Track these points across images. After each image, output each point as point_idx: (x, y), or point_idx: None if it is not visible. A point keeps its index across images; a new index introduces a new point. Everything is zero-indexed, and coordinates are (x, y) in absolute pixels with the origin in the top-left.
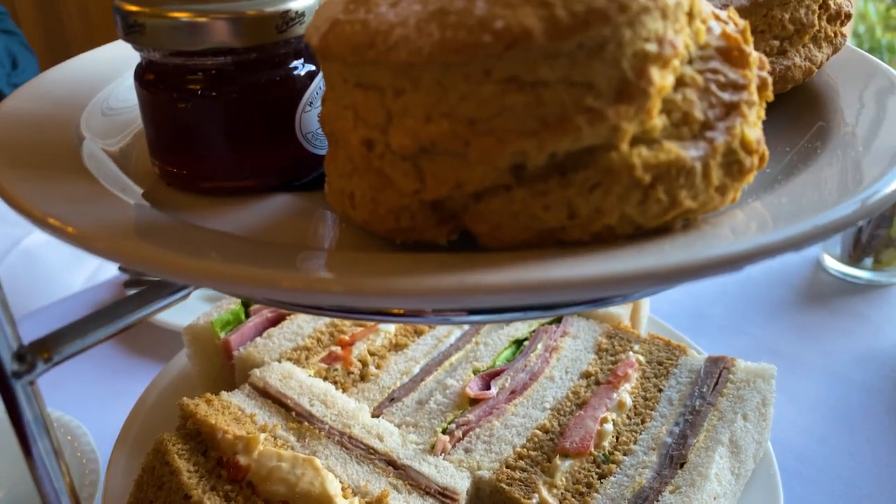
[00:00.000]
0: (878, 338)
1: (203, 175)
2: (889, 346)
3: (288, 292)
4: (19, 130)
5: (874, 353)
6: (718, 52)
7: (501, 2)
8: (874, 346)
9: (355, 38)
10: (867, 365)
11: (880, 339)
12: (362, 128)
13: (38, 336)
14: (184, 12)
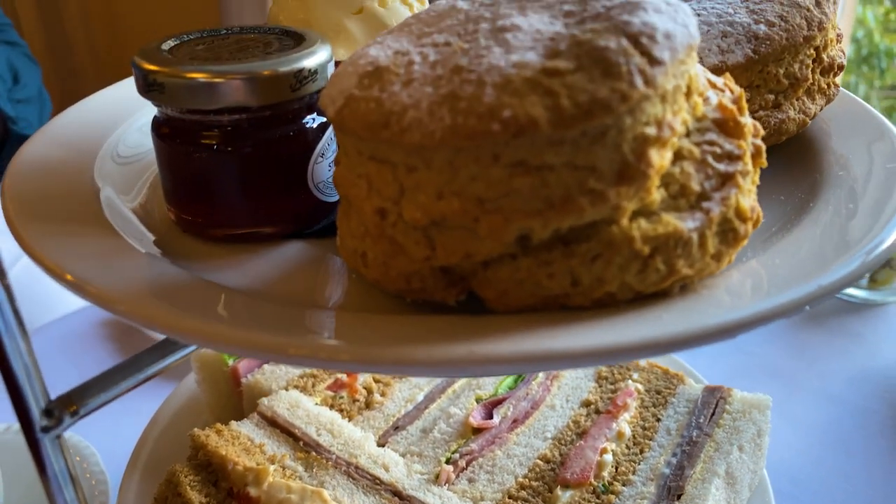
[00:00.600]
0: (874, 358)
1: (217, 223)
2: (884, 366)
3: (295, 359)
4: (39, 181)
5: (869, 374)
6: (715, 123)
7: (509, 89)
8: (869, 366)
9: (370, 117)
10: (862, 385)
11: (876, 360)
12: (376, 197)
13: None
14: (201, 73)
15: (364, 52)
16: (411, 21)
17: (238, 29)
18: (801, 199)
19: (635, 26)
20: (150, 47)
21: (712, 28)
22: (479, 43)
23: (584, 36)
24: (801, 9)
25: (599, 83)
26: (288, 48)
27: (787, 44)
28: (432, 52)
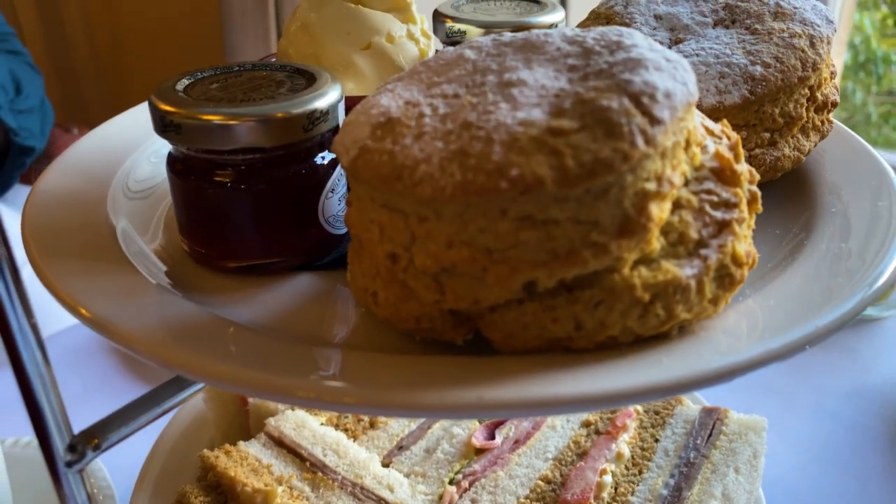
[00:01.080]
0: (869, 373)
1: (229, 256)
2: (879, 382)
3: (303, 401)
4: (57, 215)
5: (864, 390)
6: (712, 172)
7: (516, 147)
8: (864, 381)
9: (383, 170)
10: (857, 401)
11: (871, 375)
12: (388, 243)
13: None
14: (216, 115)
15: (376, 101)
16: (420, 69)
17: (250, 66)
18: (796, 236)
19: (636, 85)
20: (166, 86)
21: (710, 69)
22: (486, 98)
23: (588, 94)
24: (796, 50)
25: (602, 143)
26: (300, 88)
27: (783, 84)
28: (442, 105)
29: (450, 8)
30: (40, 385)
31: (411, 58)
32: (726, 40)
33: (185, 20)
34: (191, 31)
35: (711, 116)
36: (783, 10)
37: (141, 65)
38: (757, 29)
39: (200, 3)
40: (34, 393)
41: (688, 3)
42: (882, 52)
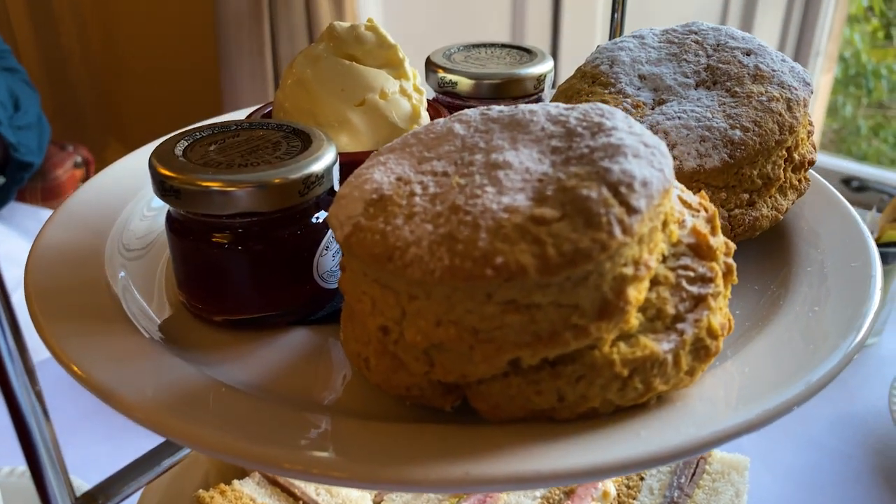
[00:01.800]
0: (853, 402)
1: (225, 311)
2: (863, 410)
3: (291, 473)
4: (58, 270)
5: (848, 418)
6: (689, 247)
7: (501, 235)
8: (849, 410)
9: (375, 249)
10: (841, 430)
11: (855, 404)
12: (379, 316)
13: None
14: (214, 181)
15: (369, 176)
16: (412, 141)
17: (247, 124)
18: (774, 292)
19: (615, 174)
20: (165, 149)
21: (691, 132)
22: (474, 180)
23: (569, 182)
24: (774, 114)
25: (582, 233)
26: (295, 151)
27: (761, 148)
28: (432, 184)
29: (441, 57)
30: (34, 421)
31: (404, 114)
32: (707, 103)
33: (180, 38)
34: (186, 49)
35: (693, 179)
36: (762, 72)
37: (136, 82)
38: (737, 92)
39: (195, 22)
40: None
41: (671, 63)
42: (872, 65)
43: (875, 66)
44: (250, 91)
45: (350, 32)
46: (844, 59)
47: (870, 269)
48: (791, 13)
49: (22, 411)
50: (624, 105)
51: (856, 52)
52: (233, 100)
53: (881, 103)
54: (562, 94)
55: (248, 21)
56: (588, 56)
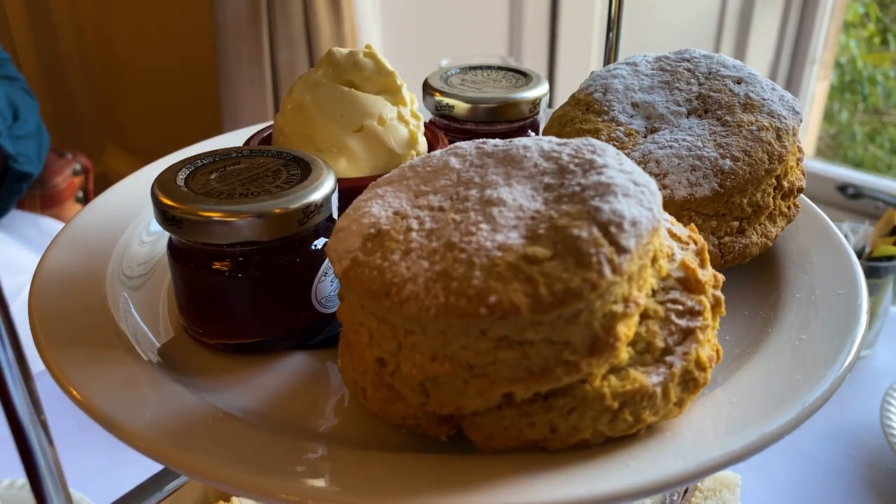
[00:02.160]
0: (844, 414)
1: (224, 335)
2: (853, 422)
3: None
4: (61, 294)
5: (839, 431)
6: (678, 281)
7: (494, 273)
8: (839, 422)
9: (373, 285)
10: (831, 442)
11: (845, 416)
12: (376, 348)
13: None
14: (216, 212)
15: (367, 210)
16: (409, 174)
17: (248, 152)
18: (763, 319)
19: (605, 214)
20: (167, 178)
21: (683, 161)
22: (469, 216)
23: (561, 221)
24: (763, 143)
25: (573, 272)
26: (295, 180)
27: (751, 177)
28: (428, 219)
29: (438, 80)
30: (33, 432)
31: (402, 140)
32: (698, 132)
33: (178, 44)
34: (184, 55)
35: (684, 207)
36: (752, 101)
37: (134, 87)
38: (727, 121)
39: (194, 28)
40: (27, 440)
41: (663, 91)
42: (868, 71)
43: (871, 72)
44: (249, 97)
45: (349, 59)
46: (840, 64)
47: (857, 299)
48: (787, 22)
49: (21, 423)
50: (617, 133)
51: (851, 58)
52: (231, 105)
53: (877, 109)
54: (556, 122)
55: (246, 28)
56: (582, 82)
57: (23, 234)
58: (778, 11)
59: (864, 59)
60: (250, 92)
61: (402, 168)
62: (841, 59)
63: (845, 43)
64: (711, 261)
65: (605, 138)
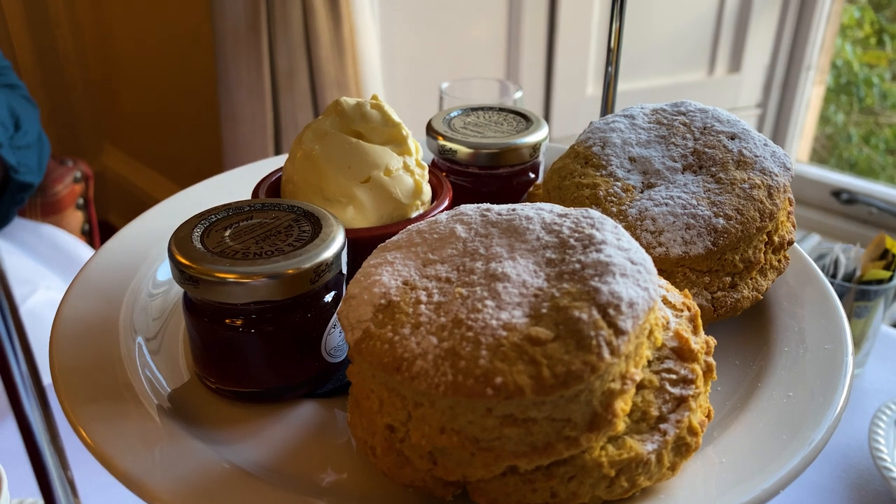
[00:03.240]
0: (833, 436)
1: (236, 384)
2: (842, 444)
3: None
4: (80, 346)
5: (827, 452)
6: (672, 350)
7: (500, 354)
8: (829, 444)
9: (384, 359)
10: (819, 464)
11: (835, 437)
12: (386, 415)
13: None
14: (231, 273)
15: (378, 278)
16: (417, 240)
17: (260, 205)
18: (754, 371)
19: (604, 296)
20: (184, 235)
21: (678, 220)
22: (475, 292)
23: (562, 301)
24: (755, 201)
25: (574, 355)
26: (306, 237)
27: (742, 235)
28: (436, 292)
29: (442, 123)
30: (48, 451)
31: (407, 190)
32: (693, 189)
33: (177, 49)
34: (183, 61)
35: (678, 264)
36: (745, 158)
37: (135, 94)
38: (721, 178)
39: (193, 35)
40: (42, 459)
41: (660, 145)
42: (864, 74)
43: (867, 74)
44: (248, 104)
45: (356, 110)
46: (836, 66)
47: (842, 355)
48: (783, 29)
49: (37, 442)
50: (614, 188)
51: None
52: (231, 113)
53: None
54: (556, 174)
55: (245, 34)
56: (581, 134)
57: (24, 242)
58: (774, 18)
59: (859, 60)
60: (249, 98)
61: (409, 232)
62: (837, 60)
63: (841, 46)
64: (705, 315)
65: (602, 193)
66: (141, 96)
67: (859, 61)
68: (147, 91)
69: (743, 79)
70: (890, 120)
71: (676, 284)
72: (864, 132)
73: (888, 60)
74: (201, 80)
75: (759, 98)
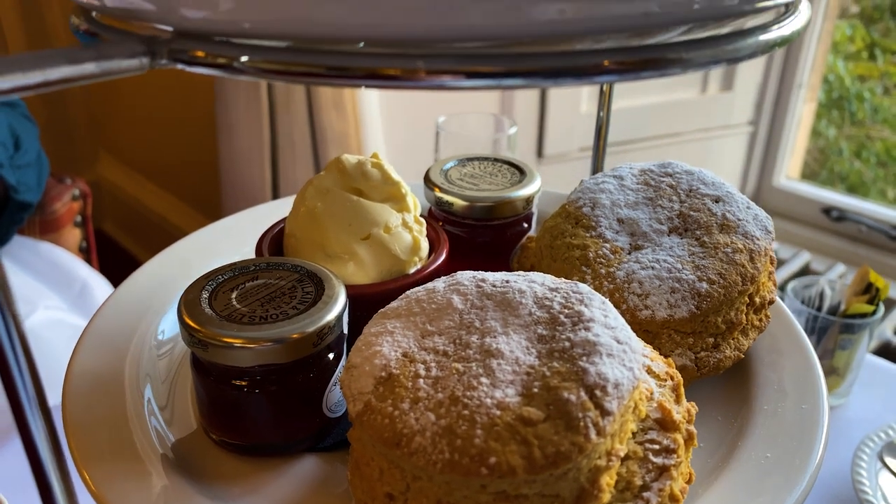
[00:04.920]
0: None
1: (240, 438)
2: (828, 475)
3: None
4: (91, 402)
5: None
6: (656, 421)
7: (494, 433)
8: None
9: (384, 433)
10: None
11: (825, 463)
12: (386, 484)
13: None
14: (238, 338)
15: (378, 349)
16: (416, 309)
17: (265, 265)
18: (735, 429)
19: (591, 377)
20: (192, 298)
21: (663, 283)
22: (471, 368)
23: (552, 381)
24: (737, 266)
25: (563, 436)
26: (309, 299)
27: (725, 298)
28: (434, 366)
29: (439, 174)
30: (52, 469)
31: (406, 246)
32: (678, 252)
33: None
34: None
35: (663, 327)
36: (728, 222)
37: (131, 102)
38: (705, 242)
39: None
40: (47, 479)
41: (647, 207)
42: (856, 88)
43: (858, 88)
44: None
45: (357, 168)
46: (828, 80)
47: (818, 416)
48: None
49: (41, 460)
50: (603, 250)
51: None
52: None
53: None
54: (548, 233)
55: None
56: (572, 193)
57: (22, 260)
58: None
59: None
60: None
61: (409, 300)
62: (829, 75)
63: (833, 62)
64: (688, 374)
65: (592, 255)
66: (138, 105)
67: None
68: (144, 99)
69: (735, 97)
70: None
71: (662, 345)
72: (856, 146)
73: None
74: (198, 91)
75: (752, 115)
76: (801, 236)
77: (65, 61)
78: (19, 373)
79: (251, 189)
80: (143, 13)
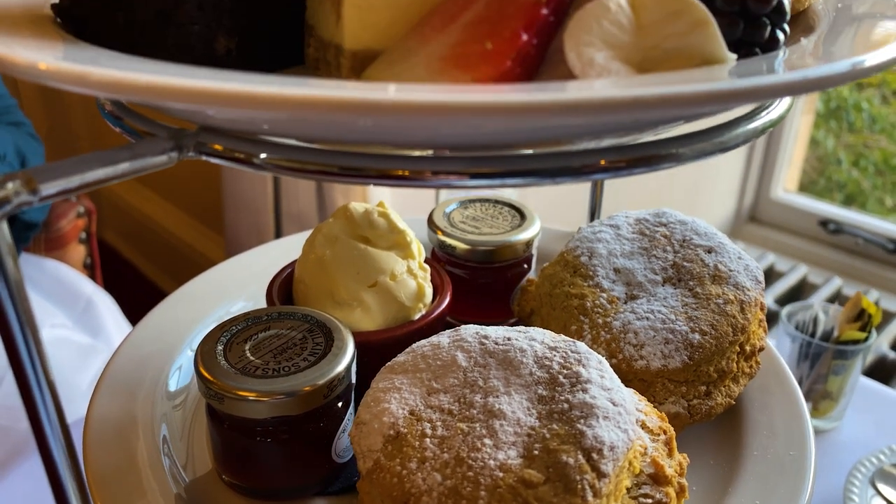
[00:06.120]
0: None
1: (251, 483)
2: (820, 500)
3: None
4: (109, 448)
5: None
6: (649, 476)
7: (497, 495)
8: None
9: (393, 492)
10: None
11: (817, 486)
12: None
13: None
14: (251, 392)
15: (386, 406)
16: (422, 365)
17: (277, 314)
18: (725, 473)
19: (588, 440)
20: (208, 349)
21: (658, 334)
22: (475, 429)
23: (552, 444)
24: (728, 317)
25: (561, 498)
26: (319, 350)
27: (716, 349)
28: (440, 425)
29: (441, 217)
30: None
31: (411, 293)
32: (672, 303)
33: None
34: None
35: (657, 376)
36: (720, 272)
37: None
38: (698, 292)
39: None
40: None
41: (642, 257)
42: (854, 99)
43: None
44: None
45: (364, 218)
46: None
47: (805, 462)
48: None
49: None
50: (600, 300)
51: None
52: None
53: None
54: (547, 281)
55: None
56: (570, 241)
57: (28, 277)
58: None
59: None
60: None
61: (414, 355)
62: None
63: None
64: (681, 421)
65: (590, 304)
66: None
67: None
68: None
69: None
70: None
71: (656, 393)
72: (854, 155)
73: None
74: None
75: None
76: (798, 249)
77: (101, 164)
78: (41, 397)
79: (253, 201)
80: (172, 111)
